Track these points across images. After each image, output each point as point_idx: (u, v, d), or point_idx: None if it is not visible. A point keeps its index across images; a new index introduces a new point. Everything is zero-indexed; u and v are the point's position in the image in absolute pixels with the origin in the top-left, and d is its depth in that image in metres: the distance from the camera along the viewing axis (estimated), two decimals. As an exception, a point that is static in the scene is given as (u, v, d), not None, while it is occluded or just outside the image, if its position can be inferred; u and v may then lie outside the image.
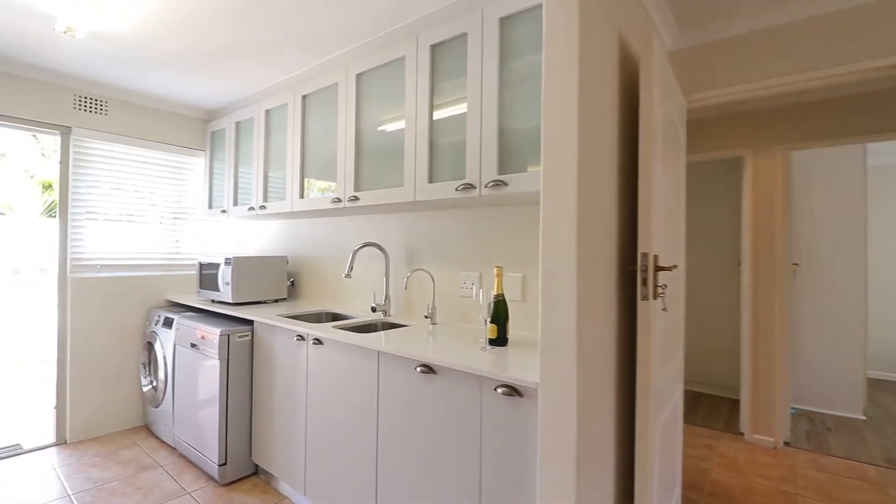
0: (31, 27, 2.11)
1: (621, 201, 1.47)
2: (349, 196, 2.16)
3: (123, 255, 3.08)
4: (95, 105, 2.92)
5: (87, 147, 2.91)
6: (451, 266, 2.17)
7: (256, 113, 2.84)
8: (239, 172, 3.05)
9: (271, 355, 2.28)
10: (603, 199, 1.29)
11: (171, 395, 2.72)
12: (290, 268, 3.15)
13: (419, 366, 1.53)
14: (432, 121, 1.84)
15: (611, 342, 1.37)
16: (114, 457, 2.63)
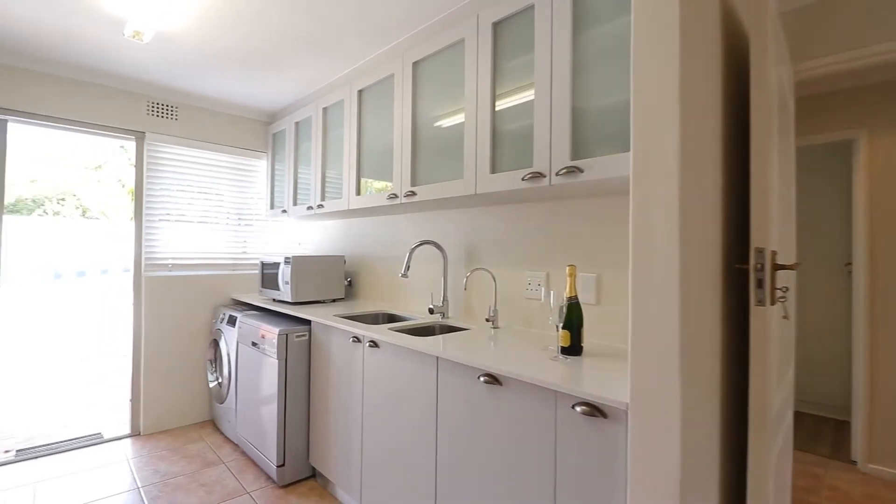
0: (104, 34, 2.20)
1: (726, 188, 1.23)
2: (405, 191, 2.05)
3: (193, 254, 3.20)
4: (167, 110, 3.05)
5: (159, 152, 3.04)
6: (514, 265, 2.00)
7: (314, 112, 2.82)
8: (298, 173, 3.06)
9: (328, 356, 2.23)
10: (706, 183, 1.07)
11: (235, 392, 2.76)
12: (348, 267, 3.12)
13: (482, 375, 1.37)
14: (494, 105, 1.68)
15: (716, 357, 1.13)
16: (181, 451, 2.70)
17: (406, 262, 2.15)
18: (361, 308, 2.59)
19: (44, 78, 2.61)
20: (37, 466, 2.50)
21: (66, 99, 2.68)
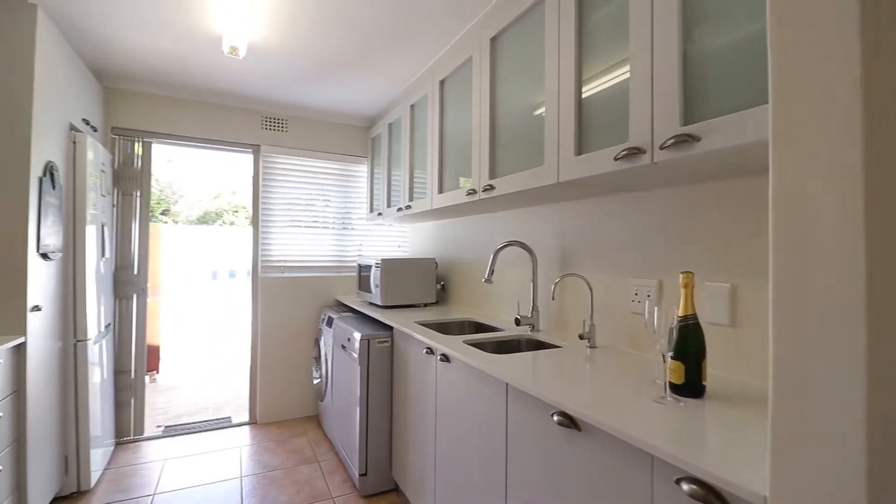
0: (208, 54, 2.39)
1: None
2: (484, 185, 1.81)
3: (301, 257, 3.38)
4: (278, 123, 3.27)
5: (272, 162, 3.27)
6: (616, 270, 1.62)
7: (403, 111, 2.74)
8: (392, 175, 3.02)
9: (406, 365, 2.09)
10: None
11: (331, 392, 2.81)
12: (440, 271, 2.98)
13: (556, 414, 1.06)
14: (580, 68, 1.35)
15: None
16: (286, 444, 2.84)
17: (490, 266, 1.91)
18: (450, 314, 2.42)
19: (176, 102, 2.97)
20: (172, 443, 2.85)
21: (195, 119, 3.02)
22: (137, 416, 2.95)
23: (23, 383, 1.71)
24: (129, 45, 2.30)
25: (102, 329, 2.52)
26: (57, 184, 1.99)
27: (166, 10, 1.95)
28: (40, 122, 1.82)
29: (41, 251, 1.84)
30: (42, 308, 1.85)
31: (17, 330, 1.70)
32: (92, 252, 2.31)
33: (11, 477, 1.65)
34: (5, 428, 1.60)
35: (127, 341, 2.92)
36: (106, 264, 2.59)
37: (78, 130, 2.23)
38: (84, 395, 2.19)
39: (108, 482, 2.35)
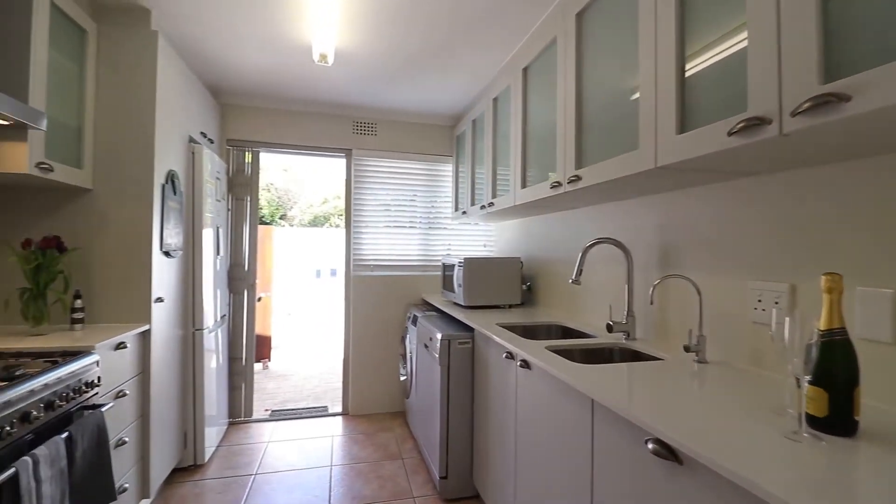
0: (302, 64, 2.53)
1: None
2: (569, 176, 1.64)
3: (390, 256, 3.46)
4: (368, 127, 3.38)
5: (363, 165, 3.40)
6: (731, 272, 1.35)
7: (486, 105, 2.65)
8: (476, 172, 2.95)
9: (486, 368, 2.00)
10: None
11: (416, 390, 2.83)
12: (526, 270, 2.83)
13: (651, 441, 0.89)
14: (682, 36, 1.14)
15: None
16: (373, 437, 2.91)
17: (577, 266, 1.74)
18: (536, 317, 2.27)
19: (278, 114, 3.22)
20: (276, 427, 3.08)
21: (294, 128, 3.25)
22: (247, 399, 3.25)
23: (147, 365, 1.95)
24: (237, 63, 2.53)
25: (218, 319, 2.82)
26: (178, 190, 2.24)
27: (266, 26, 2.09)
28: (162, 136, 2.06)
29: (164, 249, 2.08)
30: (164, 300, 2.10)
31: (143, 318, 1.95)
32: (208, 251, 2.58)
33: (137, 448, 1.88)
34: (132, 405, 1.84)
35: (239, 331, 3.23)
36: (221, 262, 2.89)
37: (196, 142, 2.51)
38: (201, 378, 2.45)
39: (220, 458, 2.60)
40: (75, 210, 1.90)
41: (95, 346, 1.52)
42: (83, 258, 1.89)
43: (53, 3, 1.61)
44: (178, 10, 1.99)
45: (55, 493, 1.14)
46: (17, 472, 1.01)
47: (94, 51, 1.89)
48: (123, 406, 1.76)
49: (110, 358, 1.66)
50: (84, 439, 1.30)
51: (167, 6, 1.96)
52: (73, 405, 1.34)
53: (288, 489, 2.28)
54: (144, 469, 1.94)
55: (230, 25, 2.11)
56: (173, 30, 2.16)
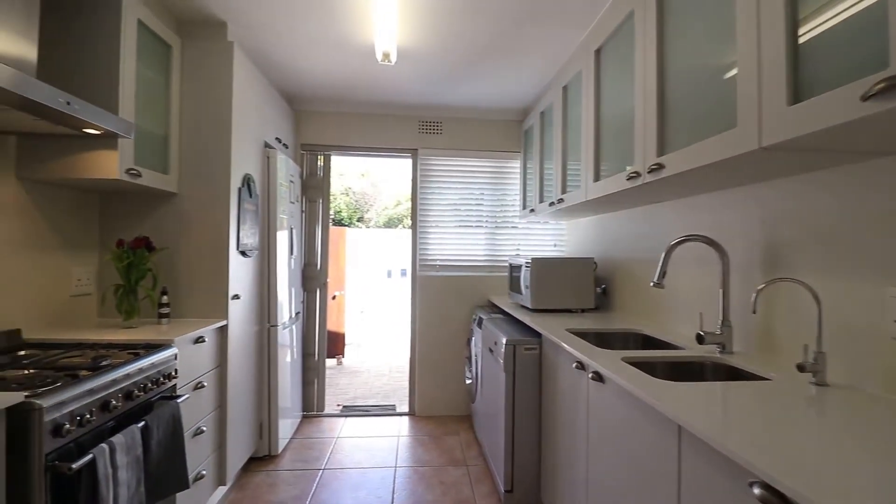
0: (365, 66, 2.54)
1: None
2: (650, 165, 1.45)
3: (455, 256, 3.40)
4: (433, 127, 3.35)
5: (428, 164, 3.37)
6: (861, 274, 1.09)
7: (555, 95, 2.49)
8: (545, 167, 2.78)
9: (555, 378, 1.85)
10: None
11: (481, 394, 2.73)
12: (600, 272, 2.62)
13: (756, 485, 0.72)
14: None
15: None
16: (439, 441, 2.86)
17: (660, 267, 1.54)
18: (612, 323, 2.07)
19: (346, 117, 3.30)
20: (346, 423, 3.15)
21: (362, 130, 3.30)
22: (320, 394, 3.37)
23: (224, 359, 2.05)
24: (307, 69, 2.61)
25: (293, 316, 2.94)
26: (253, 193, 2.36)
27: (331, 29, 2.12)
28: (239, 141, 2.17)
29: (240, 249, 2.19)
30: (241, 297, 2.21)
31: (221, 314, 2.06)
32: (283, 251, 2.69)
33: (214, 437, 1.99)
34: (210, 396, 1.94)
35: (312, 328, 3.35)
36: (295, 261, 3.01)
37: (271, 147, 2.63)
38: (275, 372, 2.56)
39: (292, 450, 2.70)
40: (163, 212, 2.05)
41: (175, 340, 1.61)
42: (170, 257, 2.04)
43: (141, 21, 1.74)
44: (249, 20, 2.09)
45: (131, 480, 1.21)
46: (94, 458, 1.07)
47: (178, 64, 2.03)
48: (202, 397, 1.86)
49: (189, 351, 1.76)
50: (160, 429, 1.37)
51: (241, 17, 2.06)
52: (151, 396, 1.42)
53: (353, 487, 2.29)
54: (221, 457, 2.04)
55: (298, 31, 2.17)
56: (248, 40, 2.27)
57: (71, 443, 1.08)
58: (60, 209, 1.81)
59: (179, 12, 2.04)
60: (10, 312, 1.58)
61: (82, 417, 1.10)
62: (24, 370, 1.26)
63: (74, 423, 1.08)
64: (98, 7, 1.62)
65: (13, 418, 0.96)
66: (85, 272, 1.94)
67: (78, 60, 1.62)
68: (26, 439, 0.98)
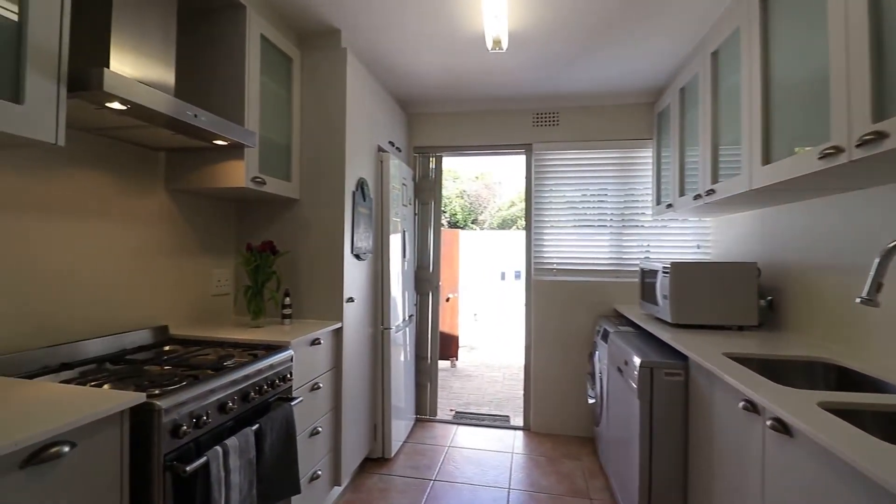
0: (475, 58, 2.39)
1: None
2: (861, 136, 1.04)
3: (575, 259, 3.09)
4: (548, 118, 3.08)
5: (543, 160, 3.12)
6: None
7: (700, 65, 2.05)
8: (686, 153, 2.34)
9: (708, 416, 1.48)
10: None
11: (606, 418, 2.39)
12: (766, 280, 2.10)
13: None
14: None
15: None
16: (556, 464, 2.59)
17: (871, 277, 1.11)
18: (788, 348, 1.61)
19: (457, 117, 3.20)
20: (458, 431, 3.05)
21: (473, 129, 3.18)
22: (432, 397, 3.33)
23: (340, 361, 2.08)
24: (417, 69, 2.57)
25: (406, 318, 2.93)
26: (367, 196, 2.37)
27: (439, 22, 2.03)
28: (353, 146, 2.19)
29: (354, 252, 2.22)
30: (355, 300, 2.23)
31: (336, 316, 2.09)
32: (396, 253, 2.69)
33: (330, 438, 2.02)
34: (326, 397, 1.97)
35: (425, 331, 3.33)
36: (408, 264, 3.00)
37: (384, 151, 2.64)
38: (388, 374, 2.56)
39: (405, 455, 2.68)
40: (287, 218, 2.16)
41: (291, 343, 1.64)
42: (291, 261, 2.14)
43: (264, 36, 1.83)
44: (360, 24, 2.09)
45: (243, 483, 1.21)
46: (207, 461, 1.09)
47: (299, 75, 2.12)
48: (318, 398, 1.89)
49: (306, 353, 1.79)
50: (273, 432, 1.38)
51: (353, 22, 2.07)
52: (267, 397, 1.45)
53: (463, 505, 2.16)
54: (336, 458, 2.07)
55: (407, 28, 2.11)
56: (360, 45, 2.29)
57: (190, 443, 1.11)
58: (203, 217, 1.99)
59: (298, 25, 2.13)
60: (160, 309, 1.76)
61: (199, 419, 1.13)
62: (162, 366, 1.36)
63: (192, 425, 1.11)
64: (226, 26, 1.73)
65: (137, 418, 1.01)
66: (224, 274, 2.12)
67: (209, 77, 1.76)
68: (148, 438, 1.02)
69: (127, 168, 1.61)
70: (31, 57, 0.97)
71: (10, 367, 1.18)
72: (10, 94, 0.94)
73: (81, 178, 1.45)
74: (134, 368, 1.34)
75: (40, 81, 0.99)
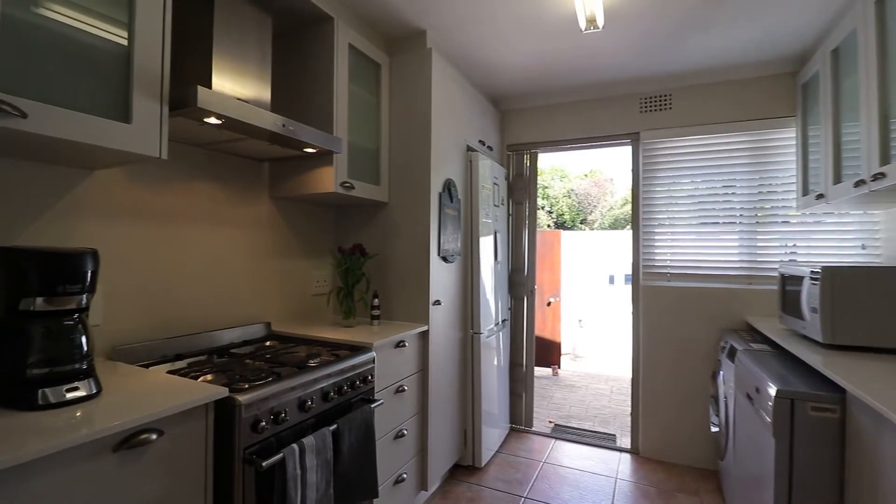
0: (568, 41, 2.19)
1: None
2: None
3: (695, 262, 2.69)
4: (658, 102, 2.73)
5: (654, 149, 2.77)
6: None
7: (862, 17, 1.61)
8: (842, 131, 1.87)
9: (877, 468, 1.13)
10: None
11: (732, 450, 2.02)
12: (969, 291, 1.57)
13: None
14: None
15: None
16: (670, 499, 2.26)
17: None
18: None
19: (552, 109, 3.00)
20: (556, 446, 2.85)
21: (570, 121, 2.96)
22: (528, 407, 3.17)
23: (426, 364, 2.06)
24: (508, 63, 2.46)
25: (499, 323, 2.83)
26: (454, 197, 2.33)
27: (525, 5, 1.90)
28: (439, 146, 2.16)
29: (441, 255, 2.18)
30: (442, 303, 2.20)
31: (422, 319, 2.07)
32: (486, 256, 2.61)
33: (416, 441, 2.00)
34: (412, 400, 1.96)
35: (520, 337, 3.18)
36: (500, 267, 2.90)
37: (474, 150, 2.58)
38: (478, 380, 2.48)
39: (497, 465, 2.57)
40: (378, 221, 2.21)
41: (374, 345, 1.66)
42: (380, 263, 2.18)
43: (352, 45, 1.89)
44: (446, 21, 2.05)
45: (320, 482, 1.23)
46: (283, 457, 1.12)
47: (387, 80, 2.16)
48: (403, 400, 1.89)
49: (390, 355, 1.80)
50: (351, 433, 1.39)
51: (439, 20, 2.05)
52: (347, 398, 1.47)
53: (556, 530, 1.99)
54: (423, 462, 2.05)
55: (496, 17, 2.02)
56: (447, 43, 2.26)
57: (270, 438, 1.16)
58: (304, 222, 2.13)
59: (385, 31, 2.17)
60: (265, 308, 1.91)
61: (278, 415, 1.17)
62: (255, 361, 1.45)
63: (270, 421, 1.15)
64: (315, 39, 1.82)
65: (221, 410, 1.07)
66: (322, 275, 2.25)
67: (300, 88, 1.86)
68: (230, 431, 1.07)
69: (235, 179, 1.78)
70: (137, 80, 1.09)
71: (134, 356, 1.36)
72: (121, 115, 1.07)
73: (195, 188, 1.62)
74: (233, 362, 1.45)
75: (145, 102, 1.11)
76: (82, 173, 1.29)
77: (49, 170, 1.22)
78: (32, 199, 1.18)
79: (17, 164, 1.16)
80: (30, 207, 1.18)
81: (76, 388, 0.95)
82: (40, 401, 0.90)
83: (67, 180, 1.26)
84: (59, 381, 0.94)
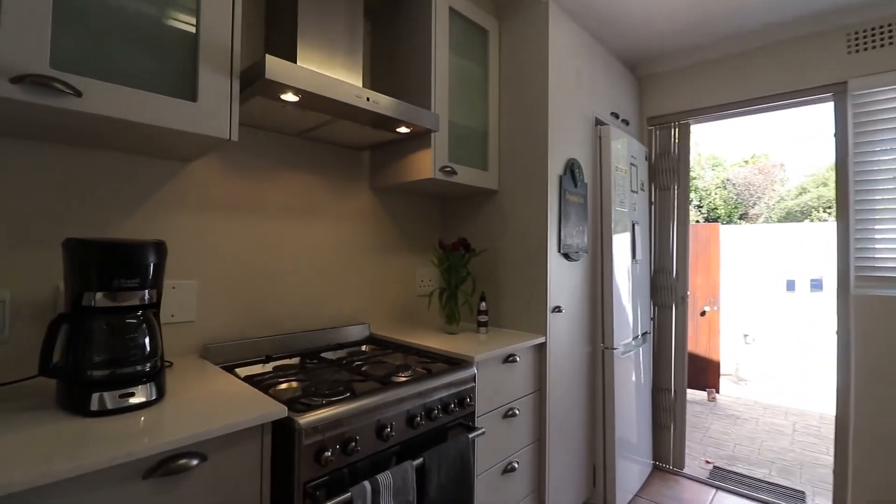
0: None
1: None
2: None
3: (947, 262, 1.83)
4: (875, 36, 1.93)
5: (871, 103, 1.97)
6: None
7: None
8: None
9: None
10: None
11: None
12: None
13: None
14: None
15: None
16: None
17: None
18: None
19: (708, 66, 2.34)
20: (717, 497, 2.23)
21: (733, 78, 2.28)
22: (677, 443, 2.56)
23: (543, 384, 1.70)
24: (651, 12, 1.97)
25: (639, 337, 2.33)
26: (579, 181, 1.93)
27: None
28: (558, 120, 1.79)
29: (562, 251, 1.81)
30: (563, 310, 1.82)
31: (538, 329, 1.72)
32: (621, 253, 2.14)
33: (531, 477, 1.66)
34: (524, 427, 1.63)
35: (667, 355, 2.59)
36: (640, 267, 2.38)
37: (604, 124, 2.13)
38: (611, 406, 2.03)
39: (635, 514, 2.08)
40: (487, 212, 1.93)
41: (475, 358, 1.37)
42: (489, 260, 1.89)
43: (452, 8, 1.64)
44: (568, -34, 1.67)
45: (398, 531, 0.99)
46: (351, 498, 0.90)
47: (496, 49, 1.86)
48: (513, 427, 1.57)
49: (497, 371, 1.50)
50: (441, 470, 1.12)
51: (557, -33, 1.68)
52: (438, 424, 1.21)
53: None
54: (540, 500, 1.70)
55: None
56: (570, -2, 1.87)
57: (343, 469, 0.95)
58: (408, 214, 1.95)
59: (497, -8, 1.88)
60: (363, 308, 1.77)
61: (348, 444, 0.96)
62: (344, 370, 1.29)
63: (337, 451, 0.94)
64: (412, 4, 1.61)
65: (281, 434, 0.89)
66: (428, 273, 2.04)
67: (396, 66, 1.67)
68: (289, 459, 0.89)
69: (334, 169, 1.67)
70: (203, 53, 0.98)
71: (223, 355, 1.29)
72: (186, 92, 0.96)
73: (292, 179, 1.54)
74: (322, 368, 1.31)
75: (212, 77, 1.00)
76: (175, 165, 1.26)
77: (142, 162, 1.20)
78: (126, 193, 1.17)
79: (115, 157, 1.15)
80: (128, 202, 1.17)
81: (132, 393, 0.85)
82: (93, 406, 0.82)
83: (162, 173, 1.24)
84: (119, 384, 0.85)
